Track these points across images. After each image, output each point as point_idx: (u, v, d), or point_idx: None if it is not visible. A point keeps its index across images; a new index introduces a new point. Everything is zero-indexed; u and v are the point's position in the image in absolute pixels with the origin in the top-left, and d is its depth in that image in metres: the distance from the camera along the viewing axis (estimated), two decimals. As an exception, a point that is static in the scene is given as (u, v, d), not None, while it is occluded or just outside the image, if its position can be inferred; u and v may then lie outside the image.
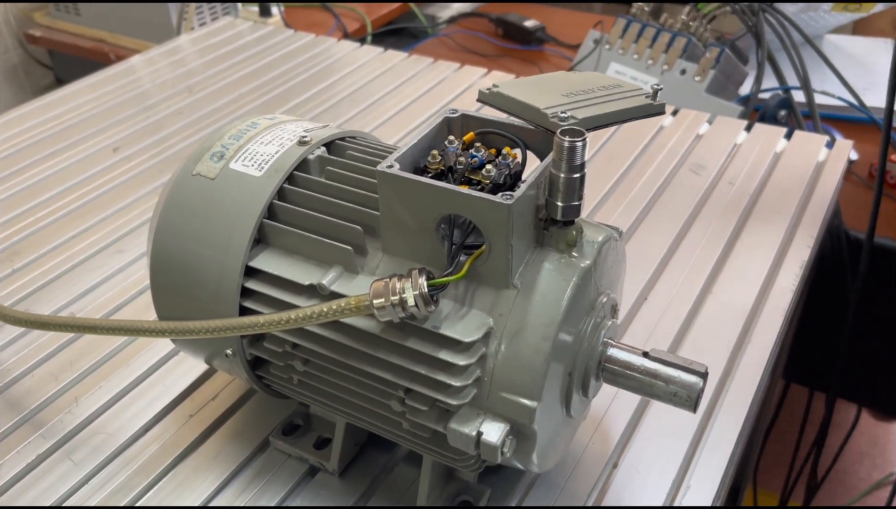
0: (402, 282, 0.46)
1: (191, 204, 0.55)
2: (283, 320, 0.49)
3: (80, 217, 0.89)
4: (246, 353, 0.56)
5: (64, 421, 0.64)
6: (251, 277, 0.53)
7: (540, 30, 1.47)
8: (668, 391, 0.50)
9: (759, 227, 0.82)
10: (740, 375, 0.66)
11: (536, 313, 0.46)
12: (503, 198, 0.44)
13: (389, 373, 0.49)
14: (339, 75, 1.16)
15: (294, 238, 0.53)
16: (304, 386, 0.56)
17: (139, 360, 0.70)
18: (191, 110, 1.09)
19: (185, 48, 1.29)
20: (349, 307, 0.47)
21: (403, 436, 0.53)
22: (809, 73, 1.09)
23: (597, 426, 0.62)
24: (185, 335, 0.52)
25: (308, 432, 0.61)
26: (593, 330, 0.50)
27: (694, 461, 0.59)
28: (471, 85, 1.12)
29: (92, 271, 0.81)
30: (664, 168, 0.92)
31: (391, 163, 0.48)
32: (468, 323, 0.47)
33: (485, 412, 0.48)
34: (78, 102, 1.12)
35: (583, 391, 0.51)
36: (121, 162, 0.98)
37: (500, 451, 0.47)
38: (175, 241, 0.55)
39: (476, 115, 0.53)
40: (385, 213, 0.49)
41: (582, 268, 0.48)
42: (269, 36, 1.30)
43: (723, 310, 0.72)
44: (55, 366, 0.70)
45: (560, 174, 0.46)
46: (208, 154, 0.56)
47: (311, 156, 0.55)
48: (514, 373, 0.46)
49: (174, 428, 0.64)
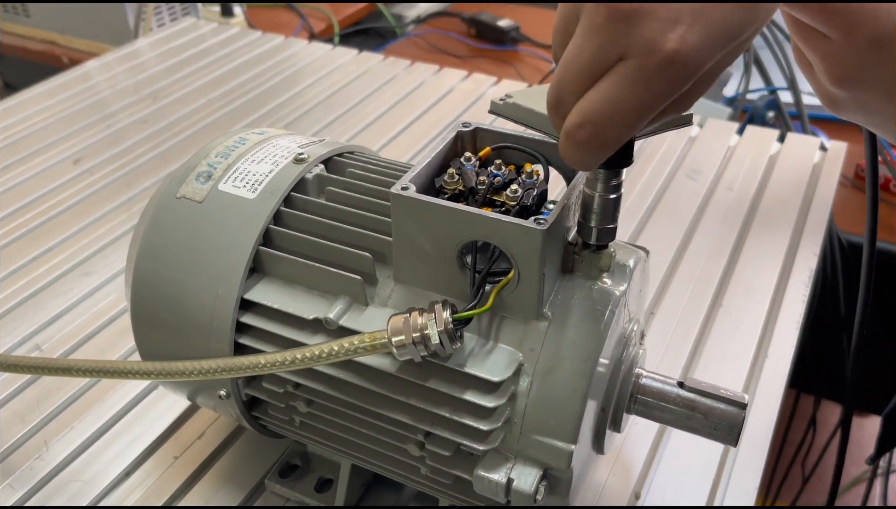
0: (424, 316, 0.41)
1: (176, 230, 0.49)
2: (287, 360, 0.44)
3: (40, 237, 0.82)
4: (242, 394, 0.51)
5: (34, 468, 0.58)
6: (247, 311, 0.48)
7: (514, 29, 1.43)
8: (707, 424, 0.46)
9: (763, 235, 0.80)
10: (760, 393, 0.63)
11: (571, 347, 0.42)
12: (536, 224, 0.40)
13: (407, 415, 0.45)
14: (313, 79, 1.11)
15: (294, 267, 0.48)
16: (307, 428, 0.51)
17: (115, 396, 0.64)
18: (156, 118, 1.03)
19: (144, 52, 1.22)
20: (363, 345, 0.42)
21: (421, 481, 0.48)
22: (796, 74, 1.07)
23: (616, 455, 0.58)
24: (175, 377, 0.47)
25: (307, 473, 0.56)
26: (626, 360, 0.47)
27: (721, 488, 0.56)
28: (451, 88, 1.08)
29: (57, 297, 0.74)
30: (659, 174, 0.89)
31: (406, 185, 0.43)
32: (496, 359, 0.43)
33: (515, 456, 0.43)
34: (32, 111, 1.05)
35: (614, 426, 0.48)
36: (82, 175, 0.92)
37: (534, 498, 0.42)
38: (160, 271, 0.50)
39: (491, 128, 0.49)
40: (399, 239, 0.44)
41: (616, 295, 0.44)
42: (235, 38, 1.24)
43: (735, 324, 0.69)
44: (21, 405, 0.64)
45: (594, 194, 0.42)
46: (193, 174, 0.51)
47: (308, 176, 0.51)
48: (547, 413, 0.42)
49: (158, 473, 0.58)
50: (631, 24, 0.31)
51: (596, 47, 0.32)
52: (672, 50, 0.30)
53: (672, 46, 0.30)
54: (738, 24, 0.31)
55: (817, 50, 0.37)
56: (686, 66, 0.31)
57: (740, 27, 0.31)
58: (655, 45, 0.31)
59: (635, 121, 0.32)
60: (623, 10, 0.31)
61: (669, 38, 0.30)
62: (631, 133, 0.33)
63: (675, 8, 0.30)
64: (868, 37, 0.35)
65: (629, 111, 0.32)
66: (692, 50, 0.30)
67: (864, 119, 0.40)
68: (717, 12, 0.31)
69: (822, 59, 0.37)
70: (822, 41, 0.37)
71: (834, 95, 0.38)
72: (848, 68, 0.36)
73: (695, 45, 0.30)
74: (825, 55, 0.37)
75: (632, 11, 0.31)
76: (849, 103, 0.38)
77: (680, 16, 0.30)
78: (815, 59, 0.38)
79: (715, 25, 0.31)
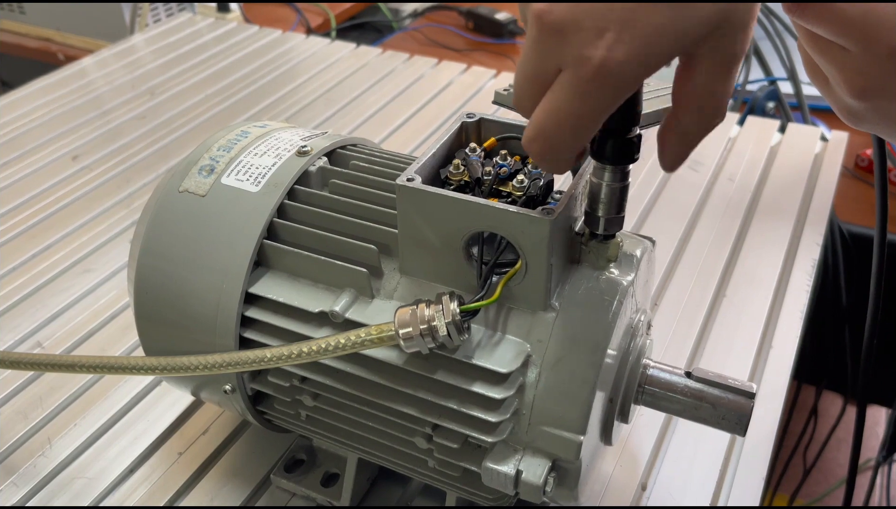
0: (431, 308, 0.41)
1: (179, 224, 0.49)
2: (293, 354, 0.44)
3: (39, 234, 0.82)
4: (247, 388, 0.50)
5: (37, 465, 0.58)
6: (251, 304, 0.48)
7: (512, 22, 1.43)
8: (715, 414, 0.46)
9: (765, 226, 0.79)
10: (766, 383, 0.63)
11: (580, 338, 0.42)
12: (543, 214, 0.40)
13: (415, 408, 0.44)
14: (311, 73, 1.10)
15: (299, 260, 0.47)
16: (313, 422, 0.51)
17: (118, 392, 0.64)
18: (153, 114, 1.02)
19: (140, 48, 1.21)
20: (370, 338, 0.42)
21: (428, 474, 0.48)
22: (796, 64, 1.07)
23: (623, 446, 0.58)
24: (180, 372, 0.46)
25: (313, 468, 0.56)
26: (634, 351, 0.46)
27: (728, 478, 0.56)
28: (451, 81, 1.07)
29: (57, 294, 0.74)
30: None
31: (412, 176, 0.43)
32: (504, 351, 0.42)
33: (523, 448, 0.43)
34: (28, 108, 1.04)
35: (622, 417, 0.47)
36: (81, 172, 0.91)
37: (543, 490, 0.42)
38: (163, 266, 0.49)
39: (495, 118, 0.48)
40: (404, 231, 0.44)
41: (624, 285, 0.43)
42: (232, 33, 1.24)
43: (739, 315, 0.69)
44: (23, 402, 0.63)
45: (602, 183, 0.41)
46: (196, 168, 0.51)
47: (311, 168, 0.50)
48: (556, 404, 0.42)
49: (162, 469, 0.58)
50: (562, 37, 0.31)
51: (537, 60, 0.33)
52: (599, 62, 0.30)
53: (599, 58, 0.30)
54: (672, 36, 0.30)
55: (835, 63, 0.36)
56: (618, 77, 0.31)
57: (675, 38, 0.30)
58: (584, 58, 0.31)
59: (581, 129, 0.33)
60: (553, 22, 0.31)
61: (597, 50, 0.30)
62: (581, 141, 0.34)
63: (603, 19, 0.30)
64: (889, 46, 0.34)
65: (573, 120, 0.33)
66: (621, 63, 0.30)
67: (885, 130, 0.39)
68: (644, 22, 0.30)
69: (840, 72, 0.36)
70: (840, 53, 0.36)
71: (854, 108, 0.37)
72: (869, 79, 0.35)
73: (623, 57, 0.30)
74: (844, 67, 0.36)
75: (561, 24, 0.31)
76: (869, 115, 0.37)
77: (607, 27, 0.30)
78: (832, 71, 0.37)
79: (643, 37, 0.30)
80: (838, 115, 0.39)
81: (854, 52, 0.35)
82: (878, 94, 0.36)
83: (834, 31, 0.35)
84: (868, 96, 0.36)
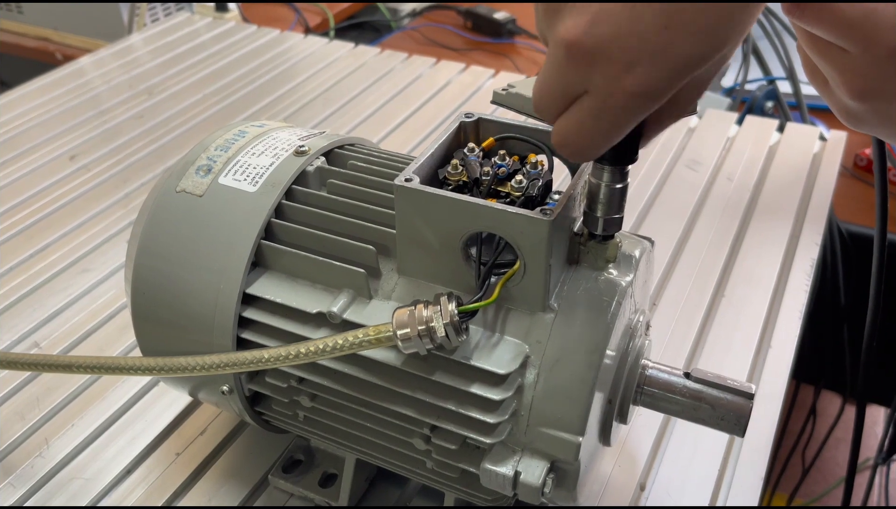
0: (430, 309, 0.41)
1: (177, 224, 0.49)
2: (291, 355, 0.43)
3: (37, 234, 0.81)
4: (245, 389, 0.50)
5: (35, 466, 0.58)
6: (249, 305, 0.48)
7: (511, 22, 1.43)
8: (714, 415, 0.46)
9: (764, 225, 0.79)
10: (765, 383, 0.63)
11: (578, 338, 0.42)
12: (542, 214, 0.40)
13: (413, 409, 0.44)
14: (309, 73, 1.10)
15: (297, 260, 0.47)
16: (310, 423, 0.51)
17: (115, 393, 0.63)
18: (151, 114, 1.02)
19: (138, 47, 1.21)
20: (368, 339, 0.42)
21: (427, 475, 0.48)
22: (795, 64, 1.07)
23: (621, 447, 0.58)
24: (178, 373, 0.46)
25: (311, 468, 0.56)
26: (632, 351, 0.46)
27: (726, 478, 0.56)
28: (449, 81, 1.07)
29: (55, 294, 0.74)
30: (659, 164, 0.88)
31: (410, 176, 0.43)
32: (502, 352, 0.42)
33: (522, 449, 0.43)
34: (26, 108, 1.04)
35: (621, 417, 0.47)
36: (79, 171, 0.91)
37: (542, 491, 0.42)
38: (160, 266, 0.49)
39: (493, 118, 0.48)
40: (403, 232, 0.44)
41: (623, 285, 0.43)
42: (230, 33, 1.23)
43: (738, 315, 0.69)
44: (21, 402, 0.63)
45: (601, 184, 0.41)
46: (193, 167, 0.50)
47: (309, 168, 0.50)
48: (555, 405, 0.42)
49: (160, 469, 0.58)
50: (590, 66, 0.32)
51: (562, 81, 0.33)
52: (628, 93, 0.31)
53: (627, 89, 0.31)
54: (700, 56, 0.31)
55: (835, 64, 0.36)
56: (643, 104, 0.32)
57: (702, 58, 0.31)
58: (612, 88, 0.32)
59: (604, 142, 0.34)
60: (583, 52, 0.31)
61: (625, 81, 0.31)
62: (604, 149, 0.35)
63: (634, 51, 0.30)
64: (888, 48, 0.34)
65: (596, 135, 0.34)
66: (647, 92, 0.31)
67: (885, 131, 0.39)
68: (675, 53, 0.30)
69: (840, 74, 0.36)
70: (840, 55, 0.35)
71: (853, 110, 0.37)
72: (868, 81, 0.35)
73: (649, 87, 0.31)
74: (843, 69, 0.36)
75: (591, 55, 0.31)
76: (869, 116, 0.37)
77: (638, 59, 0.30)
78: (832, 73, 0.37)
79: (672, 68, 0.31)
80: (837, 117, 0.39)
81: (853, 53, 0.35)
82: (878, 95, 0.35)
83: (833, 33, 0.35)
84: (867, 98, 0.36)
